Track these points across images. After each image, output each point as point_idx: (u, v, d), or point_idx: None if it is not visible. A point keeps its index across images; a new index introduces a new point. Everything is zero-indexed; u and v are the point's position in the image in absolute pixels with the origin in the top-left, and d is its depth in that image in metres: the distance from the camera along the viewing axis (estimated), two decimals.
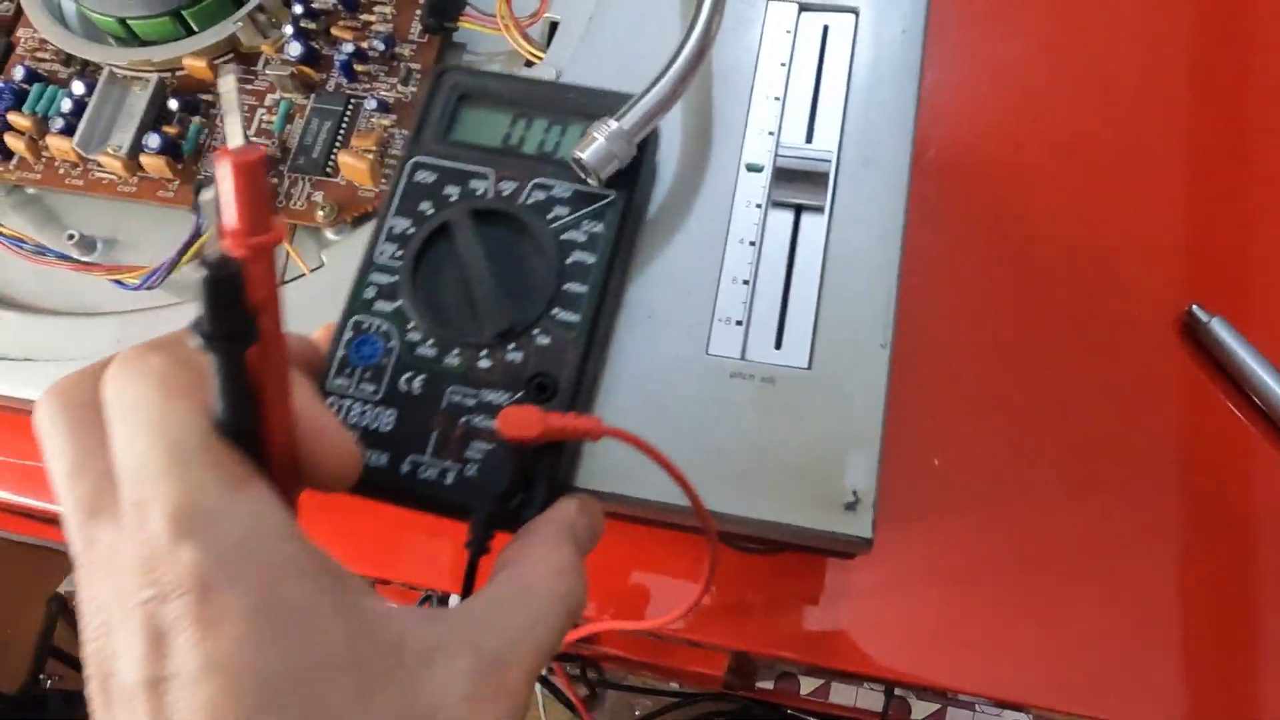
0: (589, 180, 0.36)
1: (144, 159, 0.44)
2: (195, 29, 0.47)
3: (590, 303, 0.36)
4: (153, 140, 0.44)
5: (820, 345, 0.37)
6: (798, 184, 0.39)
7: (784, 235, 0.39)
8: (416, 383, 0.35)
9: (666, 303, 0.38)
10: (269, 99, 0.47)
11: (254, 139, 0.45)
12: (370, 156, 0.45)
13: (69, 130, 0.46)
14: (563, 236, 0.36)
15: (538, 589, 0.29)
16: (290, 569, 0.24)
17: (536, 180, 0.37)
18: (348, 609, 0.24)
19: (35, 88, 0.47)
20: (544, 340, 0.35)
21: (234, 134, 0.24)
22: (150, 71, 0.47)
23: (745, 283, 0.38)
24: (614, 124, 0.35)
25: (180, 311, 0.43)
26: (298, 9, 0.48)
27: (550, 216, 0.37)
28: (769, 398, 0.36)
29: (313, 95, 0.46)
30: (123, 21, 0.47)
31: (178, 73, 0.47)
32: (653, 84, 0.36)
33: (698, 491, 0.33)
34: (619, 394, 0.36)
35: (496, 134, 0.39)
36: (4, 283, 0.46)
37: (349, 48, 0.46)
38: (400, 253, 0.37)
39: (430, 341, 0.35)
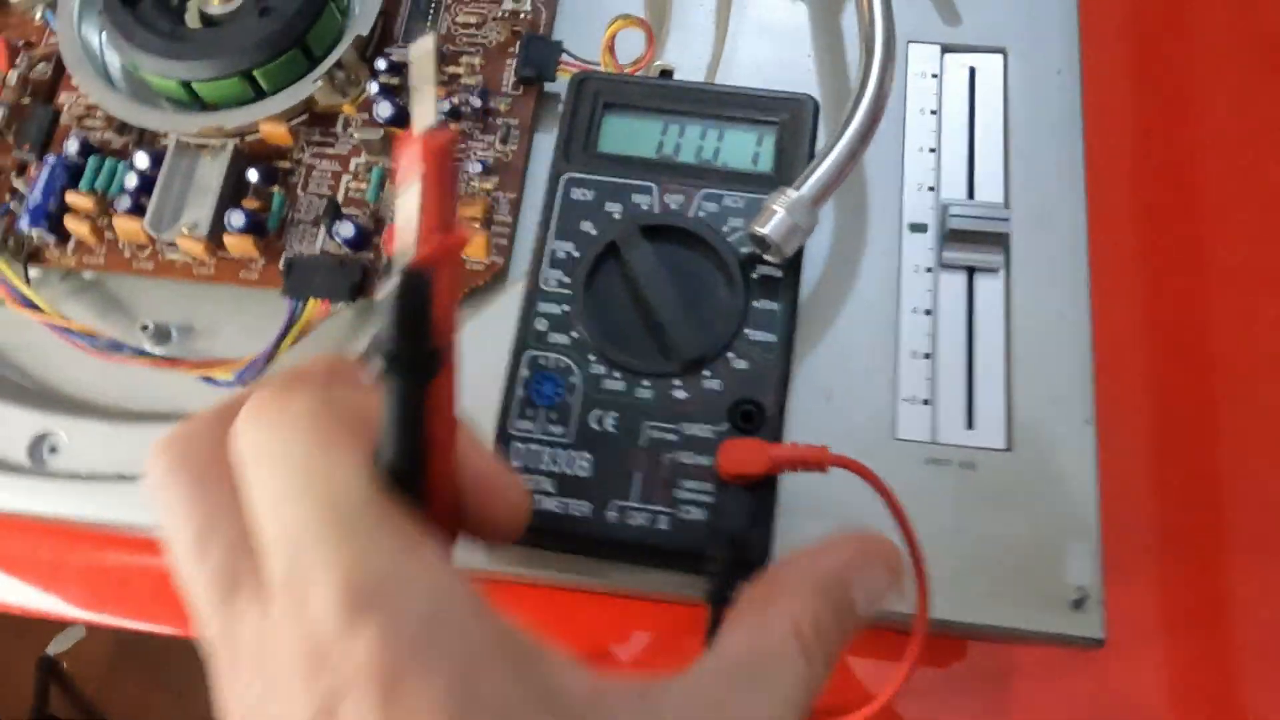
0: (770, 257, 0.33)
1: (228, 240, 0.40)
2: (265, 89, 0.43)
3: (785, 319, 0.32)
4: (236, 218, 0.40)
5: (1017, 423, 0.34)
6: (971, 245, 0.36)
7: (959, 301, 0.36)
8: (609, 420, 0.31)
9: (844, 382, 0.35)
10: (354, 163, 0.43)
11: (344, 212, 0.41)
12: (476, 226, 0.41)
13: (137, 209, 0.41)
14: (744, 250, 0.33)
15: (775, 667, 0.23)
16: (486, 653, 0.19)
17: (705, 191, 0.34)
18: (553, 699, 0.20)
19: (91, 161, 0.42)
20: (741, 364, 0.32)
21: (424, 112, 0.20)
22: (219, 138, 0.42)
23: (926, 356, 0.35)
24: (793, 193, 0.32)
25: None
26: (380, 64, 0.44)
27: (726, 229, 0.34)
28: (970, 485, 0.33)
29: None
30: (186, 85, 0.42)
31: (247, 137, 0.43)
32: (831, 144, 0.33)
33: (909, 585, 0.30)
34: (801, 484, 0.33)
35: (649, 143, 0.36)
36: (73, 383, 0.41)
37: (444, 105, 0.42)
38: (567, 279, 0.33)
39: (616, 374, 0.32)
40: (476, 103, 0.43)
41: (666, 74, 0.43)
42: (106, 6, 0.42)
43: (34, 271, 0.43)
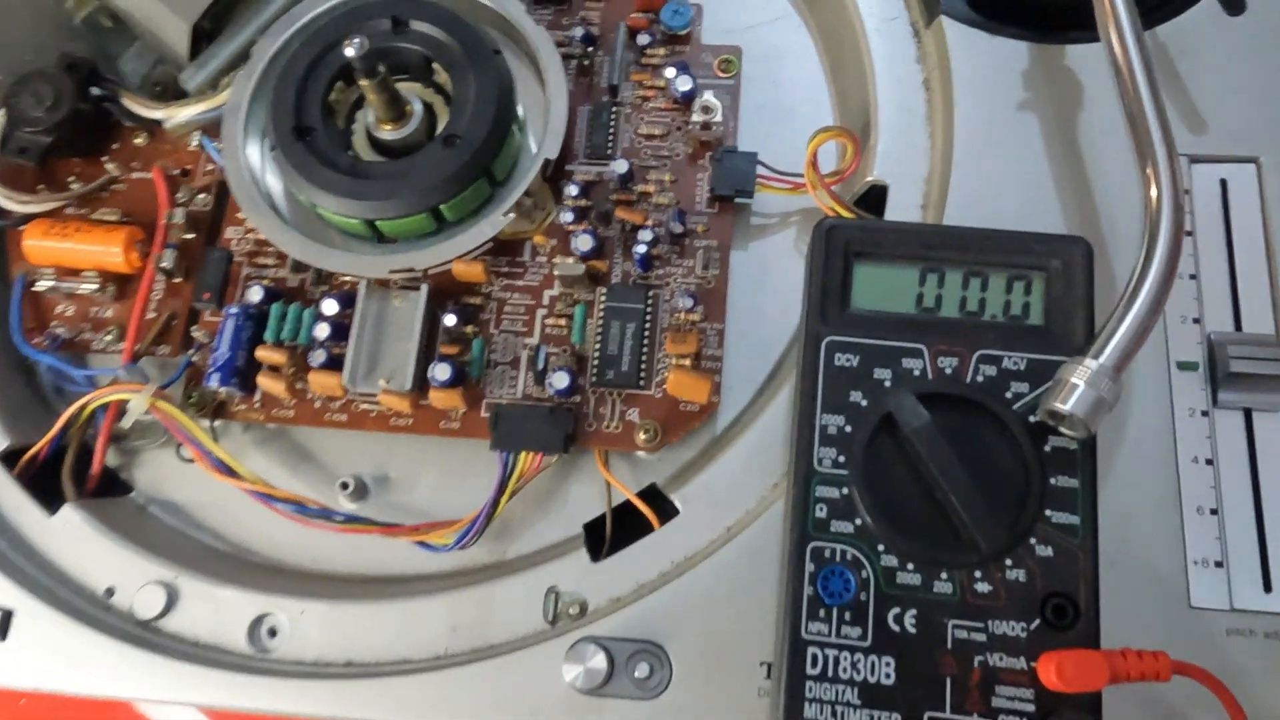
0: (1069, 431, 0.30)
1: (433, 394, 0.38)
2: (448, 220, 0.41)
3: (1087, 498, 0.30)
4: (442, 371, 0.38)
5: None
6: (1251, 386, 0.34)
7: (1239, 446, 0.34)
8: (909, 620, 0.29)
9: (1127, 545, 0.33)
10: (546, 295, 0.41)
11: (550, 351, 0.39)
12: (686, 363, 0.39)
13: (332, 362, 0.39)
14: (1032, 419, 0.31)
15: None
16: None
17: (980, 352, 0.32)
18: None
19: (274, 308, 0.40)
20: (1045, 551, 0.29)
21: None
22: (404, 275, 0.40)
23: (1212, 512, 0.33)
24: (1093, 363, 0.30)
25: (512, 582, 0.36)
26: (572, 190, 0.41)
27: (1009, 395, 0.31)
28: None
29: (602, 292, 0.40)
30: (371, 224, 0.40)
31: (430, 271, 0.40)
32: (1127, 299, 0.30)
33: None
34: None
35: (906, 296, 0.33)
36: (278, 549, 0.39)
37: (647, 235, 0.40)
38: (842, 457, 0.31)
39: (910, 565, 0.30)
40: (677, 227, 0.40)
41: (879, 190, 0.40)
42: (281, 144, 0.40)
43: (215, 422, 0.41)
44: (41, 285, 0.41)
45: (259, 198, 0.41)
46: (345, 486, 0.39)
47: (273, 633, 0.36)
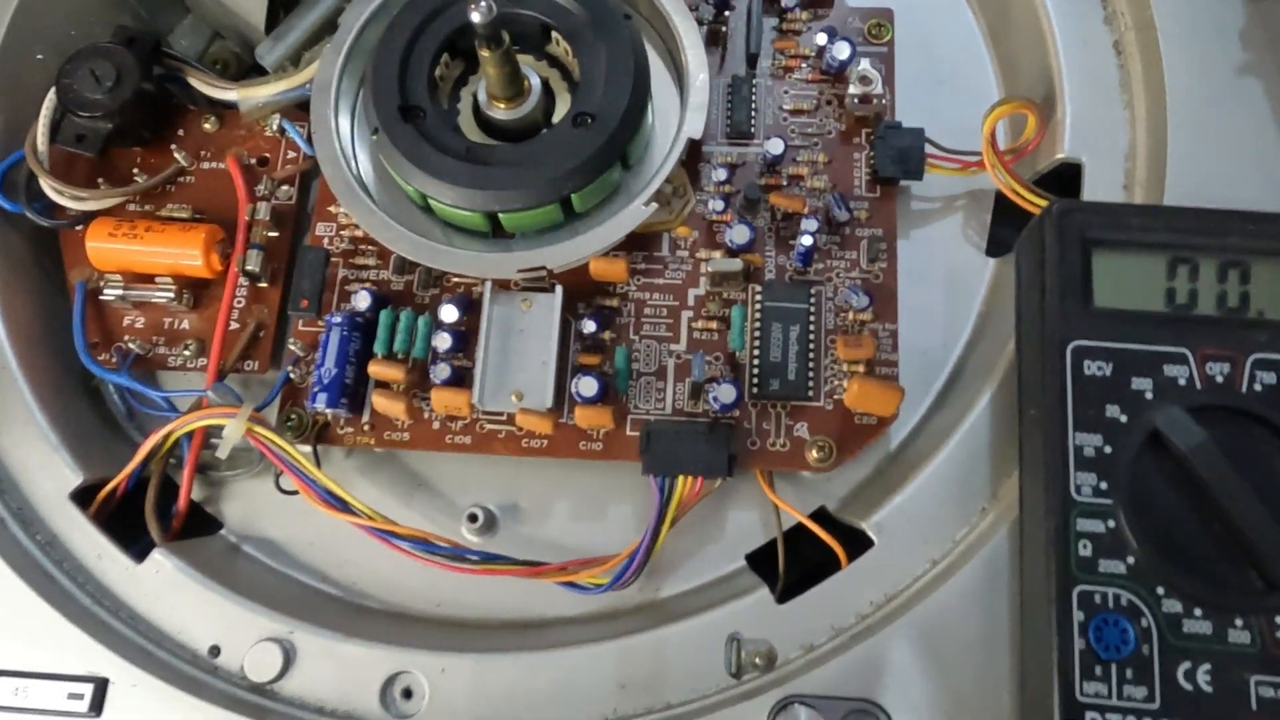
0: None
1: (579, 413, 0.33)
2: (577, 211, 0.36)
3: None
4: (587, 386, 0.33)
5: None
6: None
7: None
8: (1202, 676, 0.25)
9: None
10: (691, 294, 0.36)
11: (705, 359, 0.34)
12: (860, 370, 0.34)
13: (456, 379, 0.34)
14: None
15: None
16: None
17: (1255, 356, 0.27)
18: None
19: (384, 317, 0.35)
20: None
21: None
22: (531, 276, 0.35)
23: None
24: None
25: (684, 628, 0.31)
26: (719, 174, 0.36)
27: None
28: None
29: (757, 290, 0.35)
30: (492, 217, 0.35)
31: (554, 271, 0.35)
32: None
33: None
34: None
35: (1154, 291, 0.28)
36: (386, 585, 0.34)
37: (810, 224, 0.35)
38: (1104, 484, 0.26)
39: (1198, 611, 0.25)
40: (841, 214, 0.35)
41: (1072, 167, 0.36)
42: (386, 127, 0.34)
43: (317, 447, 0.36)
44: (108, 294, 0.36)
45: (358, 189, 0.36)
46: (473, 519, 0.34)
47: (408, 694, 0.31)
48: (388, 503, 0.35)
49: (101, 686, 0.30)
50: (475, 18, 0.32)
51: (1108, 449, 0.26)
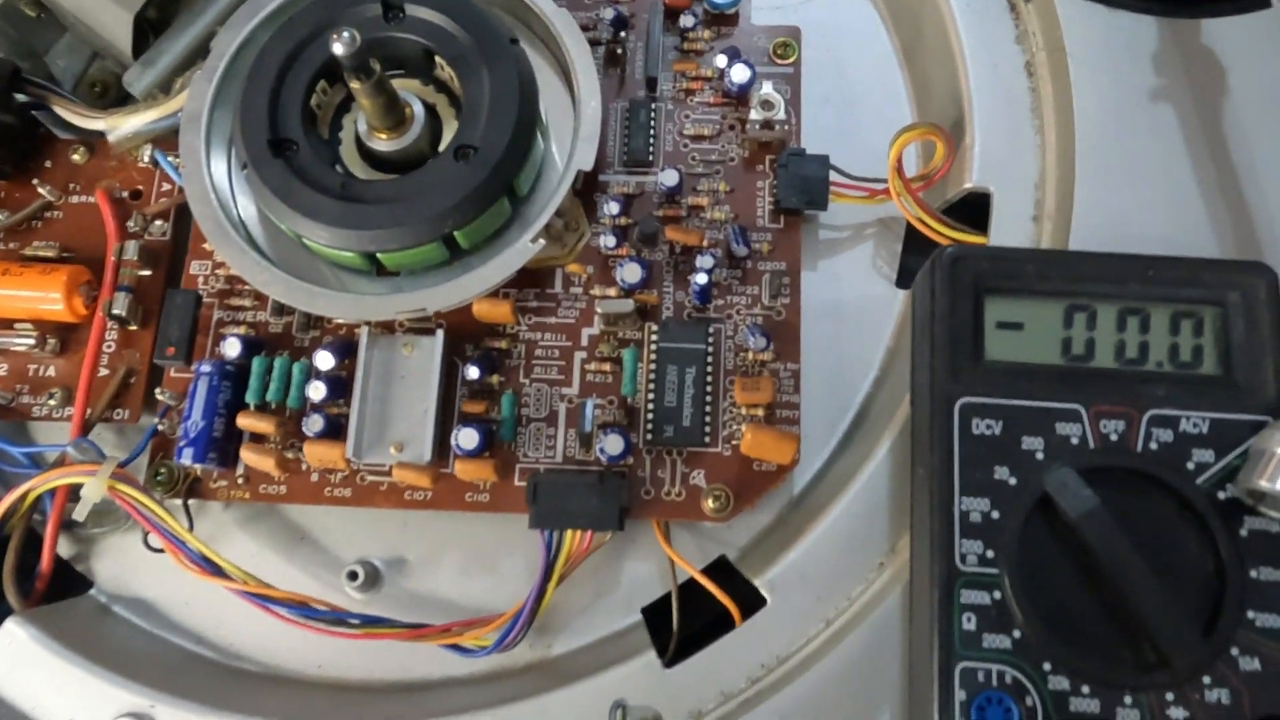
0: (1271, 512, 0.24)
1: (460, 466, 0.31)
2: (463, 248, 0.34)
3: None
4: (468, 438, 0.31)
5: None
6: None
7: None
8: None
9: None
10: (585, 334, 0.34)
11: (597, 405, 0.32)
12: (759, 414, 0.33)
13: (331, 430, 0.32)
14: (1223, 496, 0.25)
15: None
16: None
17: (1151, 412, 0.26)
18: None
19: (257, 364, 0.33)
20: (1251, 664, 0.24)
21: None
22: (413, 317, 0.33)
23: None
24: None
25: (568, 695, 0.30)
26: (612, 208, 0.34)
27: (1190, 466, 0.25)
28: None
29: (653, 330, 0.33)
30: (370, 257, 0.33)
31: (439, 312, 0.33)
32: None
33: None
34: None
35: (1050, 342, 0.27)
36: (261, 646, 0.32)
37: (706, 260, 0.33)
38: (990, 553, 0.25)
39: (1085, 688, 0.24)
40: (740, 249, 0.34)
41: (978, 197, 0.34)
42: (254, 162, 0.32)
43: (189, 501, 0.34)
44: None
45: (229, 226, 0.34)
46: (354, 576, 0.33)
47: None
48: (268, 557, 0.33)
49: None
50: (338, 49, 0.30)
51: (995, 514, 0.25)
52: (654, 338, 0.33)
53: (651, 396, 0.32)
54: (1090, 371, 0.26)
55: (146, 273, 0.35)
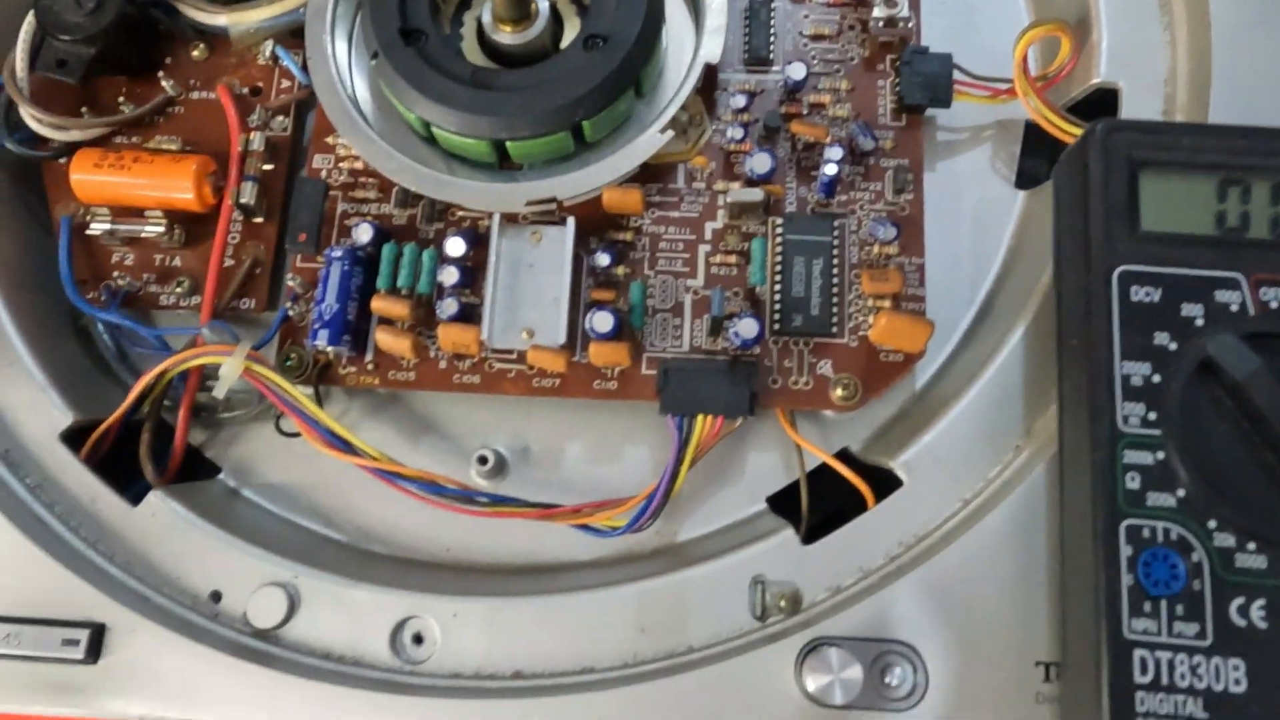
0: None
1: (595, 350, 0.32)
2: (588, 139, 0.34)
3: None
4: (602, 321, 0.31)
5: None
6: None
7: None
8: (1257, 612, 0.24)
9: None
10: (708, 228, 0.34)
11: (725, 295, 0.32)
12: (886, 305, 0.33)
13: (465, 314, 0.32)
14: None
15: None
16: None
17: None
18: None
19: (386, 251, 0.33)
20: None
21: None
22: (542, 207, 0.33)
23: None
24: None
25: (705, 571, 0.30)
26: (738, 101, 0.35)
27: None
28: None
29: (777, 223, 0.34)
30: (499, 146, 0.33)
31: (564, 203, 0.34)
32: None
33: None
34: None
35: (1204, 214, 0.27)
36: (391, 529, 0.33)
37: (835, 153, 0.33)
38: (1153, 414, 0.25)
39: (1252, 544, 0.24)
40: (867, 143, 0.34)
41: (1108, 93, 0.34)
42: (386, 51, 0.32)
43: (318, 388, 0.34)
44: (95, 228, 0.34)
45: (358, 118, 0.34)
46: (483, 461, 0.33)
47: (418, 639, 0.30)
48: (393, 445, 0.34)
49: (98, 632, 0.28)
50: None
51: (1156, 378, 0.25)
52: (779, 230, 0.33)
53: (779, 287, 0.33)
54: (1248, 242, 0.26)
55: (270, 166, 0.36)
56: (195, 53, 0.37)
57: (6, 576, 0.29)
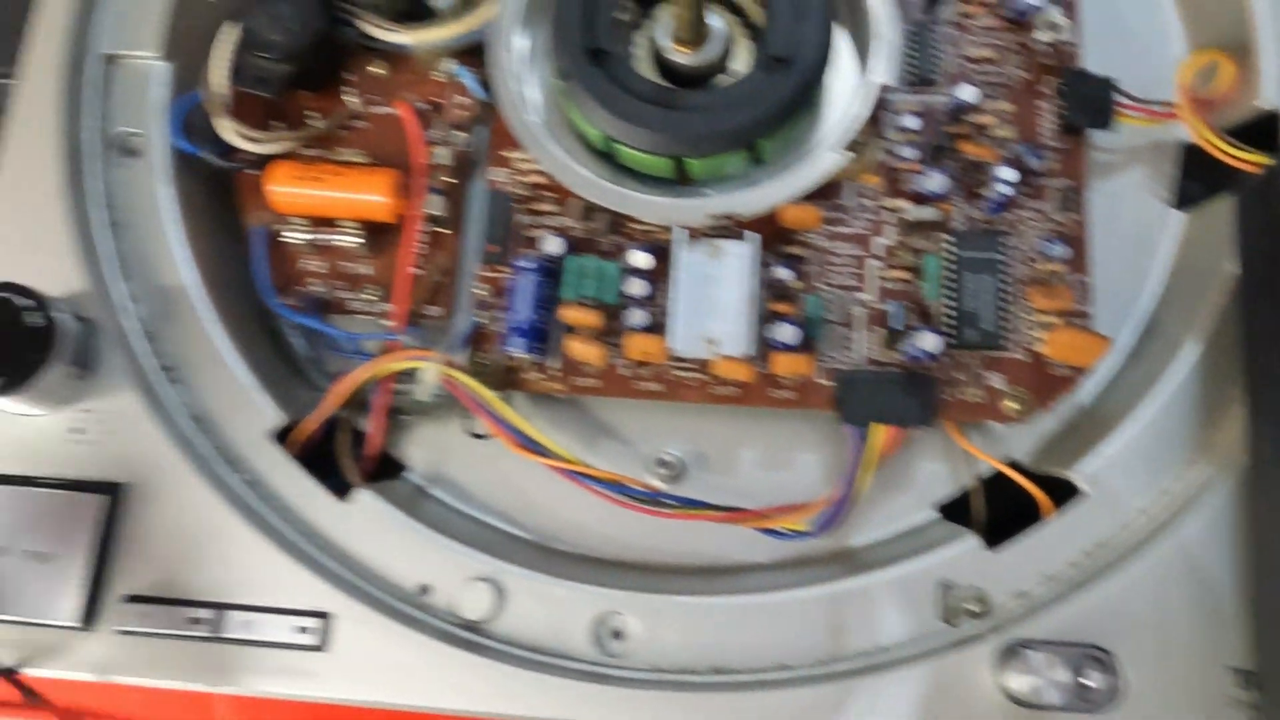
0: None
1: (779, 360, 0.33)
2: (764, 159, 0.35)
3: None
4: (786, 333, 0.33)
5: None
6: None
7: None
8: None
9: None
10: (874, 243, 0.36)
11: (900, 308, 0.34)
12: (1056, 320, 0.34)
13: (653, 324, 0.34)
14: None
15: None
16: None
17: None
18: None
19: (571, 263, 0.34)
20: None
21: None
22: (717, 223, 0.35)
23: None
24: None
25: (892, 574, 0.31)
26: (910, 122, 0.36)
27: None
28: None
29: (946, 240, 0.35)
30: (678, 161, 0.35)
31: (737, 219, 0.35)
32: None
33: None
34: None
35: None
36: (575, 529, 0.34)
37: (1008, 173, 0.34)
38: None
39: None
40: (1035, 163, 0.35)
41: (1270, 118, 0.35)
42: (575, 70, 0.34)
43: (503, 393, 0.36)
44: (292, 237, 0.36)
45: (543, 133, 0.36)
46: (665, 465, 0.35)
47: (617, 634, 0.31)
48: (572, 448, 0.35)
49: (327, 621, 0.30)
50: None
51: None
52: (952, 246, 0.35)
53: (951, 302, 0.34)
54: None
55: (453, 180, 0.37)
56: (375, 69, 0.39)
57: (237, 567, 0.31)
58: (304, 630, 0.29)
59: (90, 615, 0.30)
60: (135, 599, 0.30)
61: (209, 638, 0.30)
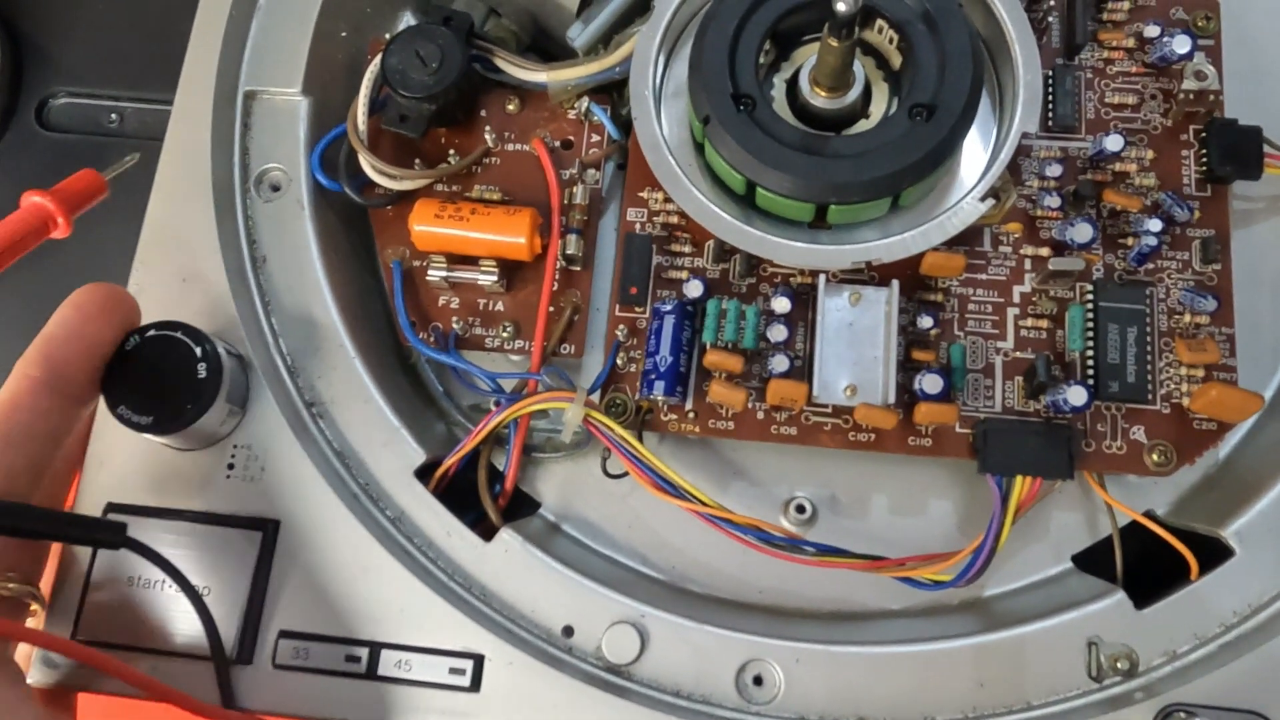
0: None
1: (923, 409, 0.33)
2: (902, 204, 0.35)
3: None
4: (933, 383, 0.33)
5: None
6: None
7: None
8: None
9: None
10: (1016, 292, 0.35)
11: (1043, 359, 0.33)
12: (1200, 373, 0.34)
13: (795, 369, 0.34)
14: None
15: None
16: None
17: None
18: None
19: (711, 306, 0.35)
20: None
21: None
22: (856, 269, 0.35)
23: None
24: None
25: (1041, 629, 0.31)
26: (1054, 170, 0.36)
27: None
28: None
29: (1087, 289, 0.35)
30: (819, 210, 0.35)
31: (872, 265, 0.35)
32: None
33: None
34: None
35: None
36: (704, 571, 0.35)
37: (1154, 224, 0.34)
38: None
39: None
40: (1181, 214, 0.35)
41: None
42: (719, 116, 0.34)
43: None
44: (431, 275, 0.36)
45: (683, 177, 0.36)
46: (801, 510, 0.35)
47: (758, 681, 0.31)
48: (703, 489, 0.35)
49: (479, 662, 0.30)
50: (841, 8, 0.31)
51: None
52: (1093, 296, 0.34)
53: (1093, 353, 0.34)
54: None
55: (586, 219, 0.38)
56: (510, 107, 0.39)
57: (389, 605, 0.31)
58: (458, 672, 0.30)
59: (245, 650, 0.31)
60: (290, 634, 0.31)
61: (364, 675, 0.30)
